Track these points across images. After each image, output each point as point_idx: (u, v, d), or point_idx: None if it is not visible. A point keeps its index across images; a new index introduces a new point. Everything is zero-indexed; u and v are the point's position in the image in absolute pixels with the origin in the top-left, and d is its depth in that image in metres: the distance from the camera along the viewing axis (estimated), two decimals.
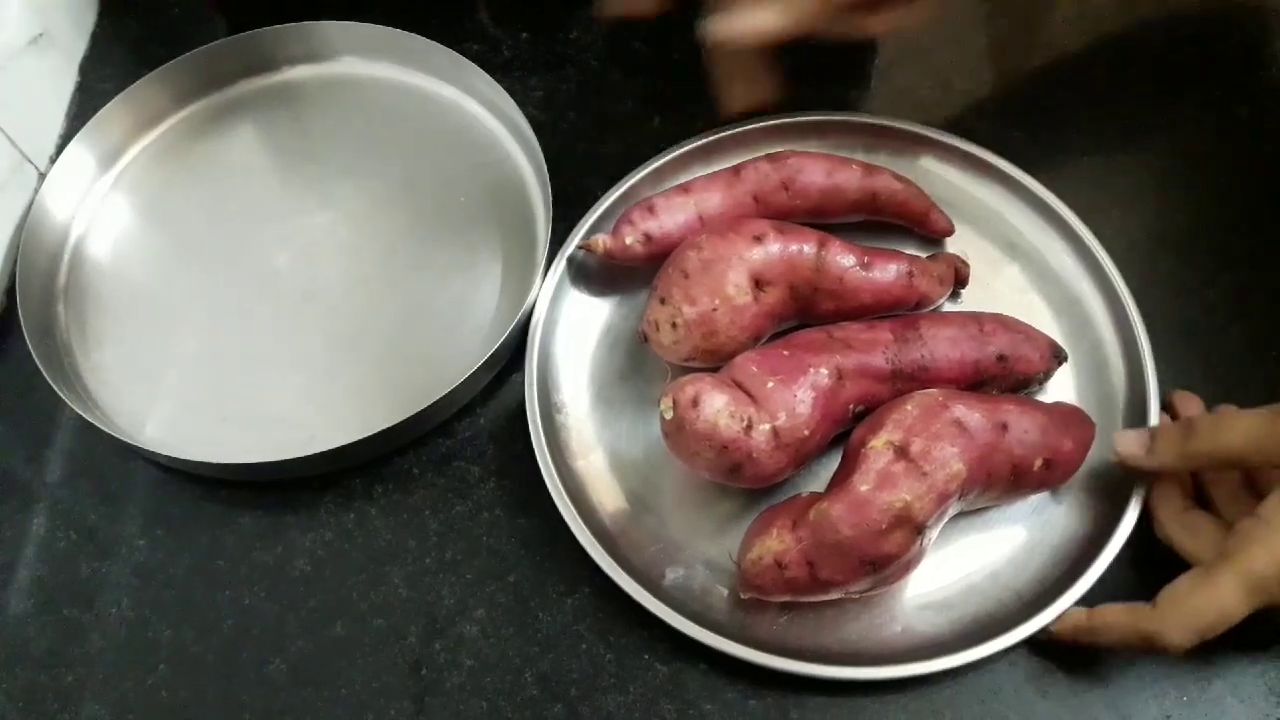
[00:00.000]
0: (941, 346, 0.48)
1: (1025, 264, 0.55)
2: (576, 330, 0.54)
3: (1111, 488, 0.47)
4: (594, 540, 0.46)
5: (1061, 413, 0.47)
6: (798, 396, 0.45)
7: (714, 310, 0.48)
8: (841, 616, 0.46)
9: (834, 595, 0.44)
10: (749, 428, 0.44)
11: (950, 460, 0.42)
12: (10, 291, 0.56)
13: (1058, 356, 0.50)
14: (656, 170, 0.57)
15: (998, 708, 0.44)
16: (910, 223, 0.55)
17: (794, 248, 0.49)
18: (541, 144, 0.58)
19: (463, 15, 0.65)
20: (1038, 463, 0.45)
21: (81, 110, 0.63)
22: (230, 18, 0.66)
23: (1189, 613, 0.40)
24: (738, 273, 0.48)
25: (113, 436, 0.49)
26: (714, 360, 0.49)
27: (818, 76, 0.62)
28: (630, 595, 0.45)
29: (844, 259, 0.50)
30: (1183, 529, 0.44)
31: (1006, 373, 0.49)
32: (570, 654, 0.46)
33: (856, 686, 0.45)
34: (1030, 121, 0.60)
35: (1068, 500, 0.48)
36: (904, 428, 0.43)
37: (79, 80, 0.64)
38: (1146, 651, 0.41)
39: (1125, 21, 0.65)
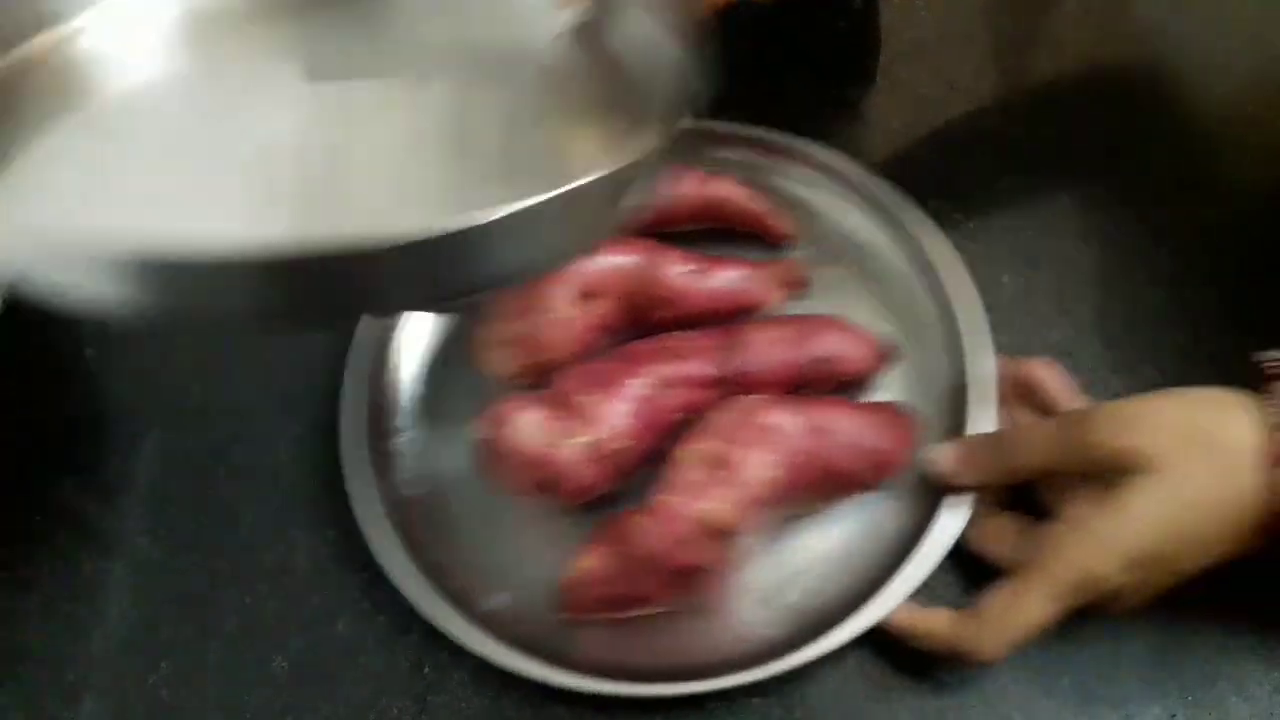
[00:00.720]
0: (764, 351, 0.48)
1: (863, 267, 0.55)
2: (418, 346, 0.53)
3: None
4: (416, 574, 0.45)
5: (883, 412, 0.47)
6: (615, 409, 0.45)
7: (538, 325, 0.48)
8: (671, 629, 0.45)
9: (652, 610, 0.44)
10: (560, 443, 0.44)
11: (759, 467, 0.42)
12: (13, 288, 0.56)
13: (885, 356, 0.50)
14: None
15: (1003, 708, 0.44)
16: (752, 228, 0.55)
17: (623, 258, 0.49)
18: None
19: None
20: (856, 464, 0.45)
21: None
22: None
23: (1001, 627, 0.41)
24: (563, 287, 0.48)
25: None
26: (545, 376, 0.48)
27: (820, 75, 0.62)
28: (445, 628, 0.44)
29: (676, 267, 0.50)
30: (981, 533, 0.45)
31: (829, 374, 0.49)
32: None
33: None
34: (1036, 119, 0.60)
35: (906, 493, 0.48)
36: (715, 436, 0.43)
37: None
38: (966, 662, 0.42)
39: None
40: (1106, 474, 0.40)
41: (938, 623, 0.43)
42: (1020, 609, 0.41)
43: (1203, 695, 0.44)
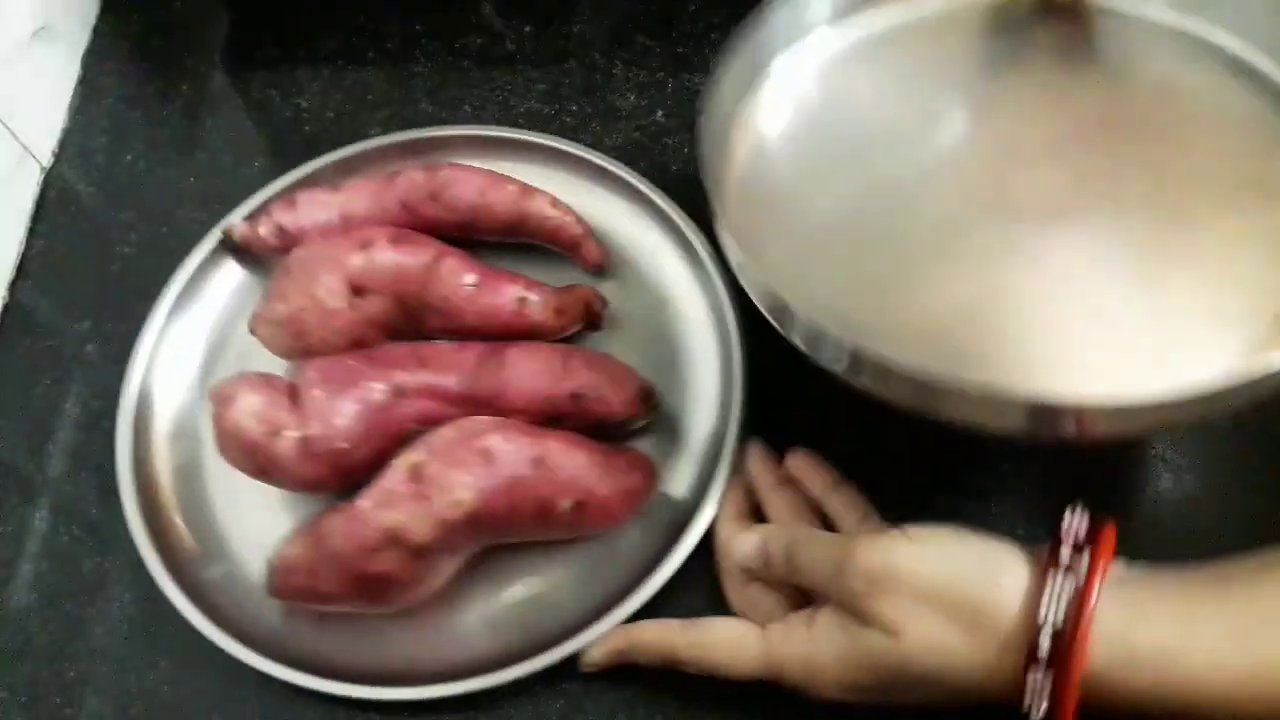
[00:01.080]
0: (519, 376, 0.47)
1: (675, 311, 0.53)
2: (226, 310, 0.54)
3: (680, 519, 0.46)
4: (146, 539, 0.47)
5: (617, 458, 0.45)
6: (339, 409, 0.44)
7: (303, 311, 0.48)
8: (389, 632, 0.45)
9: (352, 610, 0.44)
10: (276, 433, 0.44)
11: (457, 488, 0.42)
12: (13, 286, 0.56)
13: (647, 403, 0.48)
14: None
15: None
16: (563, 250, 0.54)
17: (404, 259, 0.49)
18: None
19: (465, 8, 0.65)
20: (567, 504, 0.43)
21: (84, 104, 0.63)
22: (235, 10, 0.66)
23: (708, 646, 0.41)
24: (333, 276, 0.48)
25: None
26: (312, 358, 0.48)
27: None
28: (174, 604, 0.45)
29: (455, 277, 0.49)
30: (743, 602, 0.44)
31: (582, 411, 0.47)
32: None
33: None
34: None
35: (641, 527, 0.47)
36: (430, 450, 0.43)
37: (81, 74, 0.64)
38: (669, 666, 0.42)
39: None
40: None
41: (650, 633, 0.43)
42: (730, 654, 0.41)
43: None
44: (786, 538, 0.42)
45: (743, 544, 0.44)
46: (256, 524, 0.48)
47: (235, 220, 0.54)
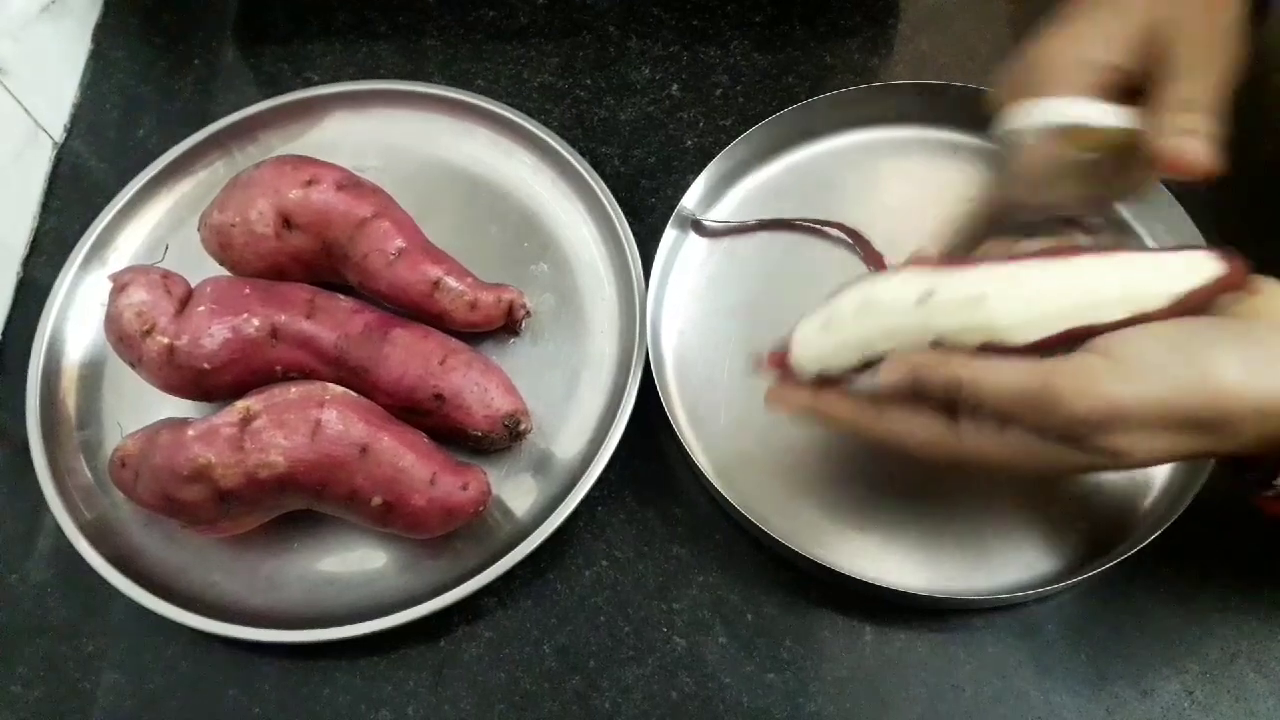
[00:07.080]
0: (394, 358, 0.46)
1: (597, 334, 0.52)
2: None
3: (515, 539, 0.46)
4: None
5: (450, 472, 0.44)
6: (212, 330, 0.45)
7: (232, 227, 0.49)
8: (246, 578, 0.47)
9: (166, 518, 0.45)
10: (149, 333, 0.44)
11: (273, 450, 0.42)
12: (26, 262, 0.56)
13: (510, 429, 0.47)
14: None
15: (1019, 684, 0.44)
16: None
17: (341, 206, 0.48)
18: (558, 111, 0.58)
19: None
20: (378, 500, 0.43)
21: (95, 79, 0.62)
22: None
23: (902, 434, 0.39)
24: (267, 203, 0.48)
25: None
26: (235, 272, 0.50)
27: (840, 39, 0.61)
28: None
29: (382, 239, 0.48)
30: (888, 426, 0.40)
31: (440, 413, 0.46)
32: (588, 626, 0.46)
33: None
34: None
35: (472, 537, 0.47)
36: (267, 402, 0.43)
37: (92, 48, 0.64)
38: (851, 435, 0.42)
39: None
40: None
41: (839, 409, 0.41)
42: (920, 441, 0.39)
43: (1221, 672, 0.44)
44: (948, 371, 0.38)
45: (887, 374, 0.39)
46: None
47: None
